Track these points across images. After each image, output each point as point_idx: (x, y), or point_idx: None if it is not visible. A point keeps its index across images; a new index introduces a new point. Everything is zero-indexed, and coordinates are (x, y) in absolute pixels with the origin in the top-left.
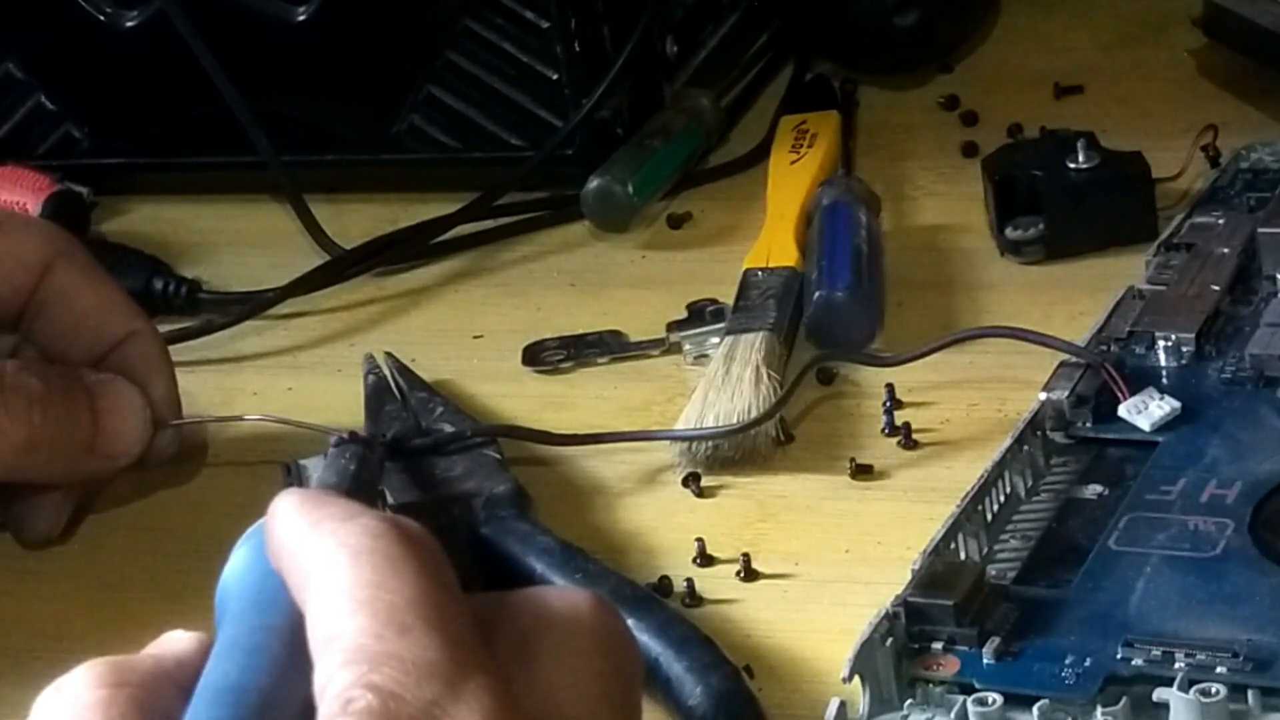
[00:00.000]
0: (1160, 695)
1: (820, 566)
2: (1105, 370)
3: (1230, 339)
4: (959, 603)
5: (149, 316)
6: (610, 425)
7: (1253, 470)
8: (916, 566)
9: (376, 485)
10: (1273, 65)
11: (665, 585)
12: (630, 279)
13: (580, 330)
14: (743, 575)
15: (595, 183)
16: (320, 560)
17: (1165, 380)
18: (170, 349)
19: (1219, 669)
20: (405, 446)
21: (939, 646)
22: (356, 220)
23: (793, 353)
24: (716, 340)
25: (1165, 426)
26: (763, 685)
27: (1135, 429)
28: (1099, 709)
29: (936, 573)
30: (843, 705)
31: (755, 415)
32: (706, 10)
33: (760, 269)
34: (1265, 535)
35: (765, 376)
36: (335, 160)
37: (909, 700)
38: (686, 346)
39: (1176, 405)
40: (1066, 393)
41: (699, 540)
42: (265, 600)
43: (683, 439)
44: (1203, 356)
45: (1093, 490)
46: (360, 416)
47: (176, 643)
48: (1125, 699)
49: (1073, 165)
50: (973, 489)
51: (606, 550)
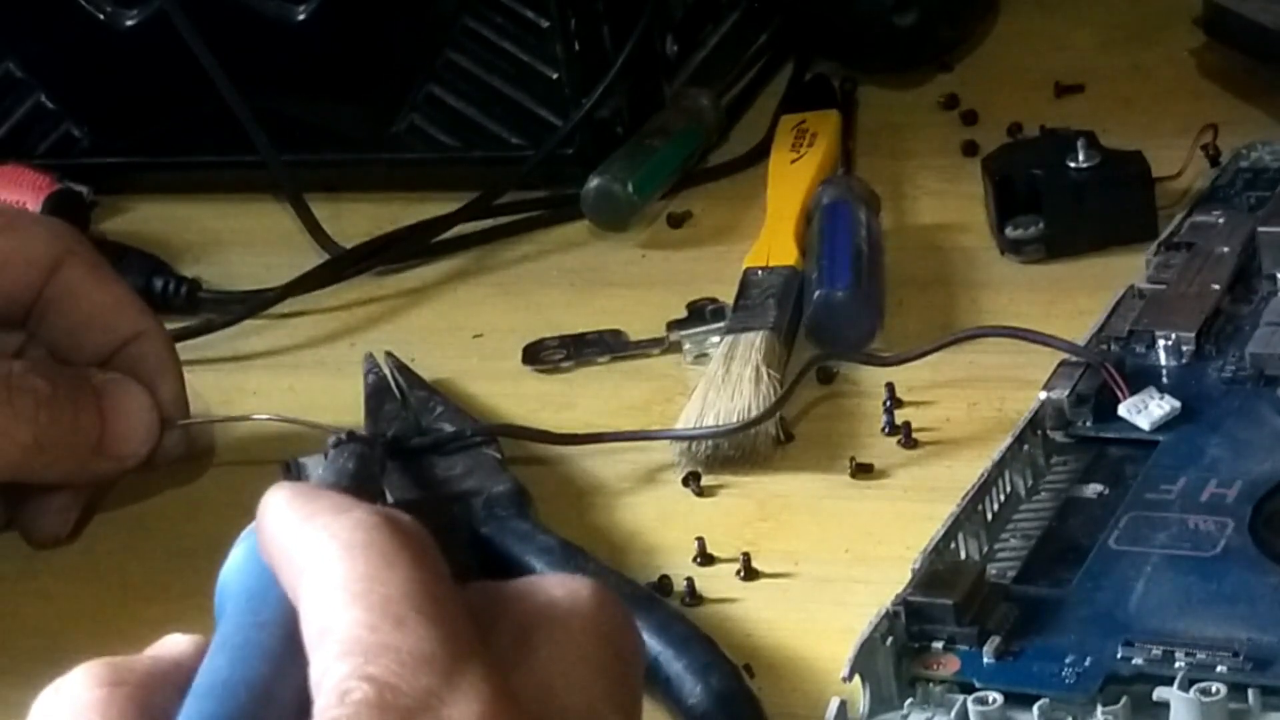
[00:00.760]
0: (1160, 694)
1: (820, 566)
2: (1105, 369)
3: (1230, 338)
4: (959, 602)
5: (156, 316)
6: (610, 424)
7: (1253, 469)
8: (916, 566)
9: (377, 484)
10: (1273, 64)
11: (665, 584)
12: (630, 278)
13: (580, 329)
14: (743, 574)
15: (595, 182)
16: (313, 554)
17: (1165, 379)
18: None
19: (1219, 668)
20: (405, 445)
21: (939, 646)
22: (356, 219)
23: (793, 352)
24: (716, 339)
25: (1165, 426)
26: (763, 684)
27: (1135, 428)
28: (1099, 708)
29: (936, 572)
30: (843, 704)
31: (755, 414)
32: (706, 10)
33: (760, 268)
34: (1265, 534)
35: (765, 376)
36: (335, 160)
37: (909, 699)
38: (686, 346)
39: (1176, 405)
40: (1067, 392)
41: (699, 539)
42: (259, 596)
43: (683, 438)
44: (1203, 356)
45: (1093, 489)
46: (360, 415)
47: (175, 644)
48: (1125, 698)
49: (1073, 165)
50: (973, 488)
51: (606, 549)
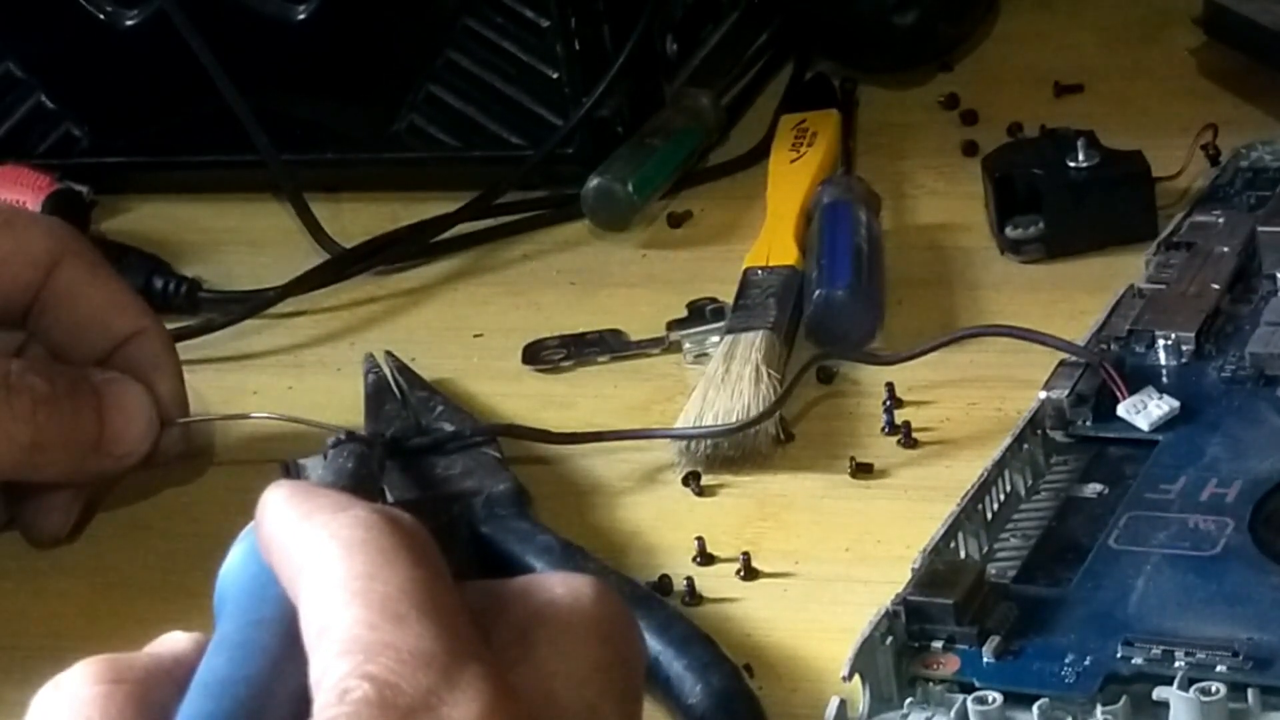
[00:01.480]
0: (1160, 694)
1: (820, 565)
2: (1103, 369)
3: (1230, 338)
4: (959, 601)
5: (156, 315)
6: (610, 424)
7: (1253, 469)
8: (916, 565)
9: (376, 484)
10: (1273, 64)
11: (665, 584)
12: (630, 278)
13: (580, 329)
14: (743, 574)
15: (595, 181)
16: (312, 552)
17: (1165, 379)
18: None
19: (1219, 668)
20: (405, 445)
21: (939, 645)
22: (356, 219)
23: (793, 352)
24: (716, 339)
25: (1165, 425)
26: (762, 684)
27: (1135, 428)
28: (1099, 708)
29: (936, 571)
30: (843, 704)
31: (755, 414)
32: (706, 9)
33: (760, 268)
34: (1265, 534)
35: (765, 375)
36: (335, 159)
37: (909, 699)
38: (686, 345)
39: (1175, 404)
40: (1066, 391)
41: (699, 539)
42: (258, 594)
43: (682, 437)
44: (1203, 355)
45: (1093, 489)
46: (360, 415)
47: (175, 642)
48: (1125, 698)
49: (1073, 164)
50: (973, 488)
51: (606, 549)
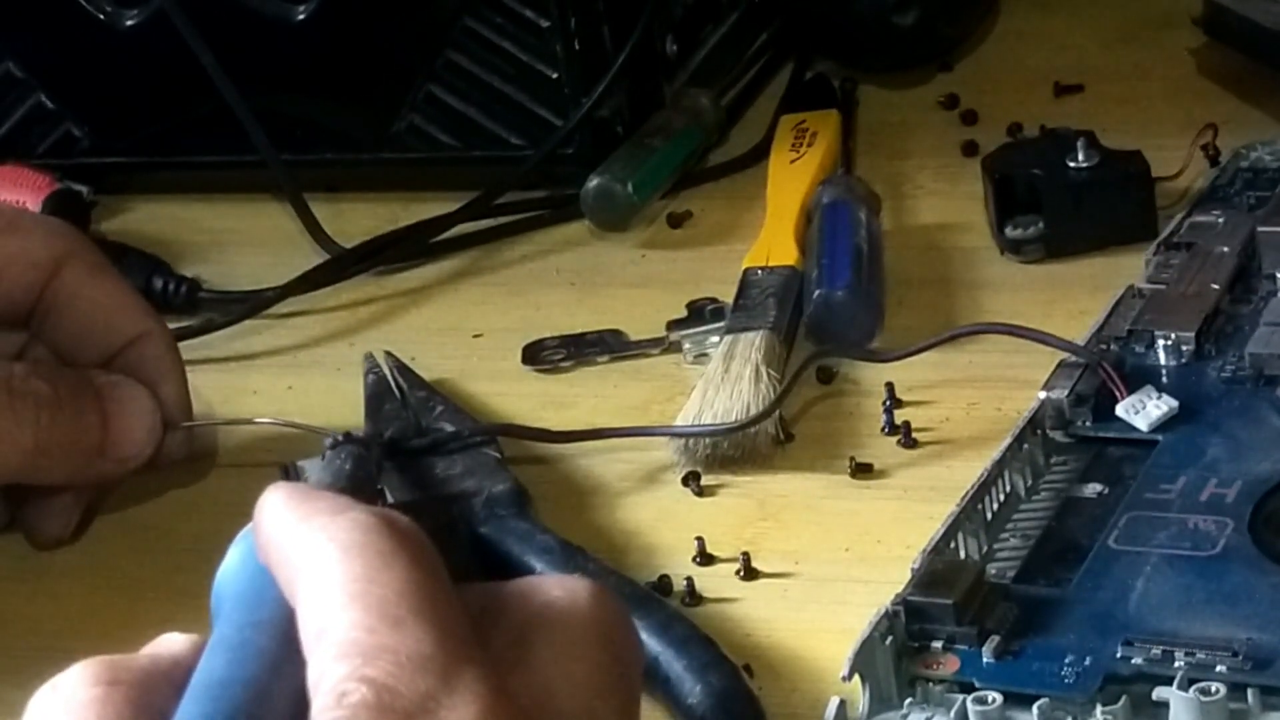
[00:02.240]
0: (1160, 694)
1: (820, 565)
2: (1102, 369)
3: (1230, 338)
4: (959, 602)
5: (160, 317)
6: (610, 424)
7: (1252, 469)
8: (916, 565)
9: (375, 485)
10: (1273, 64)
11: (665, 584)
12: (630, 278)
13: (580, 329)
14: (742, 574)
15: (595, 182)
16: (310, 555)
17: (1165, 379)
18: None
19: (1219, 668)
20: (405, 446)
21: (939, 645)
22: (356, 219)
23: (792, 352)
24: (716, 339)
25: (1165, 425)
26: (762, 684)
27: (1135, 428)
28: (1099, 708)
29: (936, 571)
30: (842, 704)
31: (755, 414)
32: (706, 9)
33: (760, 268)
34: (1265, 534)
35: (765, 375)
36: (335, 159)
37: (909, 699)
38: (686, 345)
39: (1174, 404)
40: (1066, 391)
41: (699, 539)
42: (256, 597)
43: (682, 435)
44: (1202, 355)
45: (1092, 489)
46: (360, 416)
47: (173, 644)
48: (1125, 698)
49: (1072, 164)
50: (972, 488)
51: (606, 549)
